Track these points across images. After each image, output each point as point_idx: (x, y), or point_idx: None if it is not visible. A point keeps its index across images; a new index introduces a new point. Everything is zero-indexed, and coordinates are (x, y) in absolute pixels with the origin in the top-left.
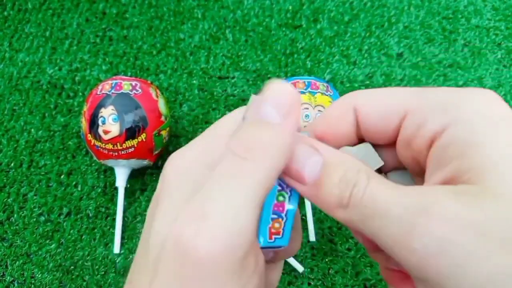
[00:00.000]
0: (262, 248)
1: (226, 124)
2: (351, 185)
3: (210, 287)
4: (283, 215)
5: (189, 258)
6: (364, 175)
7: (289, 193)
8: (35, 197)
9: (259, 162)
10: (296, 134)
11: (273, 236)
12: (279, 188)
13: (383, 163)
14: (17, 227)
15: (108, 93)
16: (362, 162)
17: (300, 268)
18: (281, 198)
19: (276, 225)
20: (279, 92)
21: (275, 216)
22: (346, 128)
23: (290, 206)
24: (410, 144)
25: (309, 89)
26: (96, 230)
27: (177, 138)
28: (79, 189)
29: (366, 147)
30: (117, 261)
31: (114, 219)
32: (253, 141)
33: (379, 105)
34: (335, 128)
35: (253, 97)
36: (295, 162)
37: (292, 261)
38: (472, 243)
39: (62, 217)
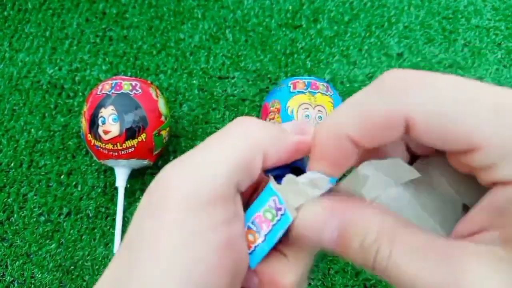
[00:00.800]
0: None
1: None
2: (373, 251)
3: (171, 216)
4: (261, 232)
5: (160, 188)
6: (386, 240)
7: (279, 217)
8: (35, 197)
9: (244, 133)
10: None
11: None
12: (274, 205)
13: (419, 175)
14: (17, 227)
15: (108, 93)
16: (392, 175)
17: None
18: (268, 214)
19: (250, 236)
20: (303, 123)
21: (252, 226)
22: (394, 138)
23: (265, 236)
24: (473, 170)
25: (309, 89)
26: (96, 230)
27: (177, 138)
28: (79, 189)
29: (395, 161)
30: None
31: (114, 219)
32: (237, 122)
33: (442, 132)
34: (381, 137)
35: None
36: (309, 231)
37: None
38: None
39: (62, 217)
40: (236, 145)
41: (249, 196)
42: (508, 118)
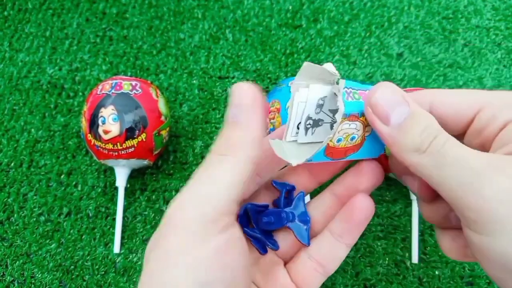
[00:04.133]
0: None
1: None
2: (433, 136)
3: (180, 238)
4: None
5: (168, 219)
6: (444, 132)
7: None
8: (35, 197)
9: (232, 157)
10: (393, 88)
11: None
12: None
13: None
14: (17, 227)
15: (108, 93)
16: None
17: None
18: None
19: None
20: (239, 94)
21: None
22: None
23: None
24: (481, 132)
25: None
26: (96, 230)
27: (177, 138)
28: (79, 189)
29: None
30: (117, 261)
31: (114, 219)
32: (227, 141)
33: (456, 101)
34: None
35: (305, 65)
36: (386, 104)
37: None
38: None
39: (62, 217)
40: (229, 170)
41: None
42: (501, 93)
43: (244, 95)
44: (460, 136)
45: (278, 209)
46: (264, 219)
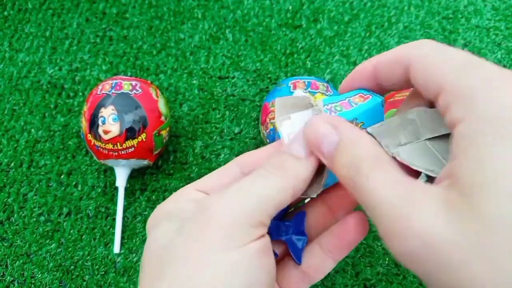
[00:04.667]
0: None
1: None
2: (354, 171)
3: (218, 235)
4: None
5: (208, 212)
6: (369, 164)
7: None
8: (35, 197)
9: (281, 180)
10: (323, 114)
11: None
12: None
13: (449, 132)
14: (17, 227)
15: (108, 93)
16: (422, 126)
17: None
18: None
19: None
20: (309, 132)
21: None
22: (400, 77)
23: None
24: (444, 116)
25: (309, 89)
26: (96, 230)
27: (177, 138)
28: (79, 189)
29: (437, 112)
30: (117, 261)
31: (114, 219)
32: (284, 165)
33: (425, 74)
34: (390, 72)
35: (277, 100)
36: (315, 137)
37: None
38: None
39: (62, 217)
40: (275, 188)
41: None
42: (469, 71)
43: (318, 134)
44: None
45: (276, 221)
46: None
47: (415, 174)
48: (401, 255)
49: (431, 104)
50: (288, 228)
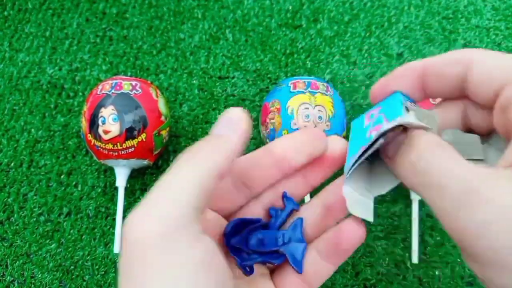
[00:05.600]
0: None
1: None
2: (428, 151)
3: (141, 256)
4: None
5: (128, 234)
6: (441, 147)
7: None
8: (35, 197)
9: (197, 161)
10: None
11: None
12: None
13: (483, 157)
14: (17, 227)
15: (108, 93)
16: (464, 149)
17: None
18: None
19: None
20: (229, 113)
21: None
22: (454, 78)
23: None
24: (504, 112)
25: (309, 89)
26: (96, 230)
27: (177, 138)
28: (79, 189)
29: (474, 138)
30: (117, 261)
31: (114, 219)
32: (198, 148)
33: (489, 68)
34: (445, 73)
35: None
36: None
37: None
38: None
39: (62, 217)
40: (188, 177)
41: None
42: None
43: (233, 114)
44: (488, 110)
45: (272, 231)
46: (253, 238)
47: None
48: (468, 228)
49: (466, 126)
50: (284, 237)
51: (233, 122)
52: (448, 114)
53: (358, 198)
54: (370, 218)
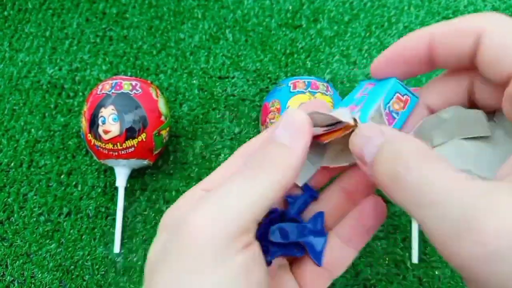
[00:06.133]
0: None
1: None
2: (401, 166)
3: (197, 258)
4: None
5: (187, 228)
6: (419, 158)
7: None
8: (35, 197)
9: (267, 174)
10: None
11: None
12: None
13: (490, 134)
14: (17, 227)
15: (108, 93)
16: (468, 125)
17: None
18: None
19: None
20: (291, 116)
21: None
22: (463, 50)
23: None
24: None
25: (309, 89)
26: (96, 230)
27: (177, 138)
28: (79, 189)
29: (478, 114)
30: (117, 261)
31: (114, 219)
32: (265, 158)
33: (503, 43)
34: (454, 45)
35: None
36: (360, 142)
37: None
38: None
39: (62, 217)
40: (259, 189)
41: None
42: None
43: (296, 119)
44: (499, 88)
45: (292, 223)
46: (275, 231)
47: None
48: (474, 258)
49: (470, 101)
50: (304, 229)
51: (297, 128)
52: (453, 88)
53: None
54: (299, 182)
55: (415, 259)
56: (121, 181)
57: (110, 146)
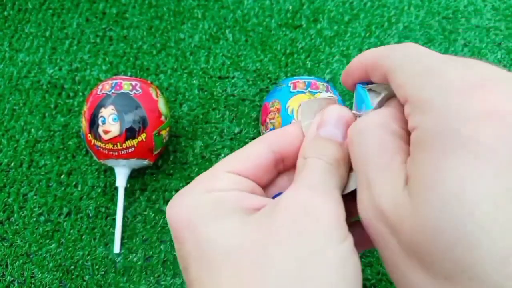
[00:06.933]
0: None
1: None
2: (358, 135)
3: (323, 235)
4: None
5: (314, 216)
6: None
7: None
8: (35, 197)
9: (343, 166)
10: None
11: None
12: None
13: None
14: (17, 227)
15: (108, 93)
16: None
17: None
18: None
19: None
20: (339, 115)
21: None
22: (380, 77)
23: None
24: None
25: (309, 89)
26: (96, 230)
27: (177, 138)
28: (79, 189)
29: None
30: (117, 261)
31: (114, 219)
32: (327, 155)
33: (399, 82)
34: (375, 74)
35: (303, 104)
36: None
37: None
38: None
39: (62, 217)
40: (344, 177)
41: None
42: (426, 82)
43: (343, 114)
44: None
45: None
46: None
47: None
48: (363, 218)
49: None
50: None
51: (346, 124)
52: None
53: None
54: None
55: None
56: (121, 181)
57: (110, 146)
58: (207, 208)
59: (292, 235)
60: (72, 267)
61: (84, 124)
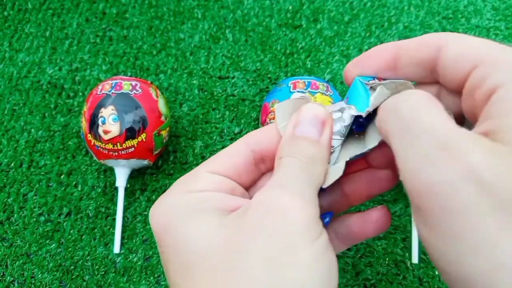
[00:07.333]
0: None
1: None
2: (403, 101)
3: (296, 234)
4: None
5: (283, 214)
6: (420, 98)
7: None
8: (35, 197)
9: (321, 165)
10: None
11: None
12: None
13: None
14: (17, 227)
15: (108, 93)
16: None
17: None
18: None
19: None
20: (314, 113)
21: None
22: (425, 62)
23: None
24: (473, 94)
25: (309, 89)
26: (96, 230)
27: (177, 138)
28: (79, 189)
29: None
30: (117, 261)
31: (114, 219)
32: (301, 153)
33: (458, 51)
34: (417, 55)
35: (277, 106)
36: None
37: None
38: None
39: (62, 217)
40: (322, 175)
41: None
42: (508, 49)
43: (319, 114)
44: (458, 95)
45: None
46: None
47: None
48: (432, 184)
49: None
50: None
51: (322, 123)
52: None
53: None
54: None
55: (415, 259)
56: (121, 181)
57: (110, 146)
58: (187, 209)
59: (262, 236)
60: (72, 267)
61: (84, 124)
